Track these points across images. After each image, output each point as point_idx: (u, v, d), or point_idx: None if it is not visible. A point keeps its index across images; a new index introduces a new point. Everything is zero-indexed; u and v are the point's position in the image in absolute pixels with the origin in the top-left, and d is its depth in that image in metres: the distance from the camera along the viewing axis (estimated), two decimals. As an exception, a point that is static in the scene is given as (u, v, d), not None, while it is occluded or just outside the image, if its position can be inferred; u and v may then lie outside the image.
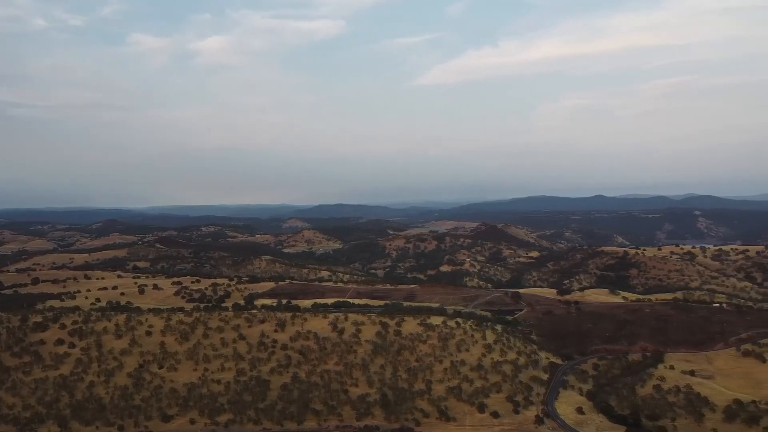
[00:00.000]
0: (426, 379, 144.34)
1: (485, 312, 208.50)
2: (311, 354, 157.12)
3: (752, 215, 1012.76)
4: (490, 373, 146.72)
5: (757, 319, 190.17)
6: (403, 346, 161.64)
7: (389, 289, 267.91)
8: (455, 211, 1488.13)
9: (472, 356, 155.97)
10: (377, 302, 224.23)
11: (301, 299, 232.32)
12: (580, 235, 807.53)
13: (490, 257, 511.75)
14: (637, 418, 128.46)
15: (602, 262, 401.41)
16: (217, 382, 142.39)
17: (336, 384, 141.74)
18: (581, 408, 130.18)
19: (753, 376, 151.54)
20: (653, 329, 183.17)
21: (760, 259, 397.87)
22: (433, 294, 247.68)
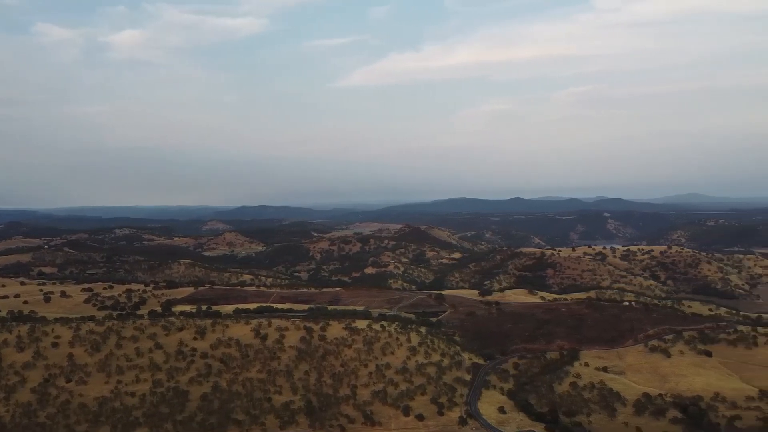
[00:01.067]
0: (351, 383, 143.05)
1: (410, 314, 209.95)
2: (233, 362, 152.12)
3: (655, 217, 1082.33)
4: (414, 376, 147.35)
5: (662, 316, 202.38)
6: (327, 351, 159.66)
7: (313, 293, 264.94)
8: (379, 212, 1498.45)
9: (397, 359, 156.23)
10: (301, 306, 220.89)
11: (222, 305, 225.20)
12: (499, 237, 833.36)
13: (413, 259, 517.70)
14: (555, 415, 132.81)
15: (521, 263, 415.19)
16: (131, 395, 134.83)
17: (259, 392, 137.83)
18: (503, 407, 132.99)
19: (659, 371, 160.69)
20: (569, 328, 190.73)
21: (663, 258, 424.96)
22: (358, 297, 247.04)
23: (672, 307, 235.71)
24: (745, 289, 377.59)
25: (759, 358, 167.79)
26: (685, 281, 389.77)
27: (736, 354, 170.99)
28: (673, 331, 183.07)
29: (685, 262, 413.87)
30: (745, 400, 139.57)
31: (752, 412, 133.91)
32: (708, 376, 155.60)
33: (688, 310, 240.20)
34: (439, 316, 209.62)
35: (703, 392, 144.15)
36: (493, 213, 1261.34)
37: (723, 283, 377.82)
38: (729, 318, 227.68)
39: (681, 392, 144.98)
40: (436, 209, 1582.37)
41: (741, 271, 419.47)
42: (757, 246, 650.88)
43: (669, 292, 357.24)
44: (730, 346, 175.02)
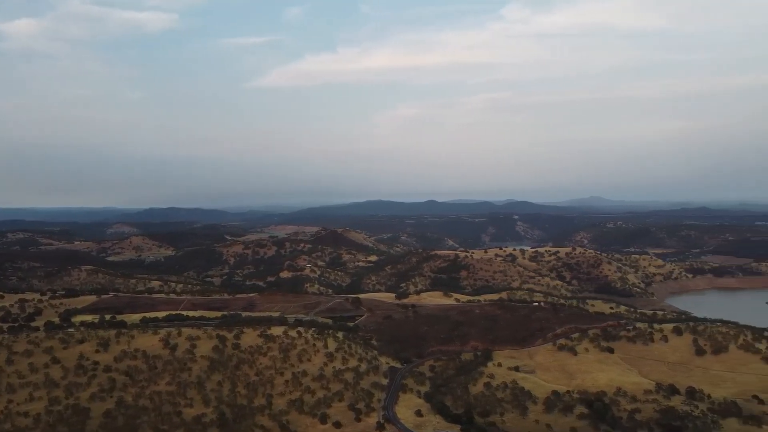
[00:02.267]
0: (267, 393, 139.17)
1: (327, 319, 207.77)
2: (139, 375, 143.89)
3: (561, 219, 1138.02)
4: (332, 383, 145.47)
5: (568, 315, 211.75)
6: (242, 359, 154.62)
7: (227, 299, 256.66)
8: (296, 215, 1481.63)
9: (314, 366, 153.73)
10: (214, 314, 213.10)
11: (128, 314, 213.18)
12: (415, 239, 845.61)
13: (330, 262, 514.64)
14: (470, 416, 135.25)
15: (436, 265, 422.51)
16: (24, 415, 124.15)
17: (168, 406, 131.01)
18: (420, 410, 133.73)
19: (567, 368, 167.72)
20: (483, 329, 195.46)
21: (568, 259, 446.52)
22: (274, 302, 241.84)
23: (577, 307, 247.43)
24: (641, 287, 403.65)
25: (655, 353, 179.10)
26: (588, 281, 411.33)
27: (635, 350, 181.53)
28: (579, 330, 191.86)
29: (588, 262, 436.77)
30: (643, 393, 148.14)
31: (650, 405, 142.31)
32: (611, 372, 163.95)
33: (592, 309, 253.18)
34: (356, 321, 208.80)
35: (607, 387, 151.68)
36: (408, 215, 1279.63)
37: (622, 282, 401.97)
38: (628, 316, 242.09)
39: (587, 388, 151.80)
40: (353, 211, 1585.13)
41: (637, 270, 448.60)
42: (650, 246, 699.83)
43: (574, 292, 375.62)
44: (629, 342, 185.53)
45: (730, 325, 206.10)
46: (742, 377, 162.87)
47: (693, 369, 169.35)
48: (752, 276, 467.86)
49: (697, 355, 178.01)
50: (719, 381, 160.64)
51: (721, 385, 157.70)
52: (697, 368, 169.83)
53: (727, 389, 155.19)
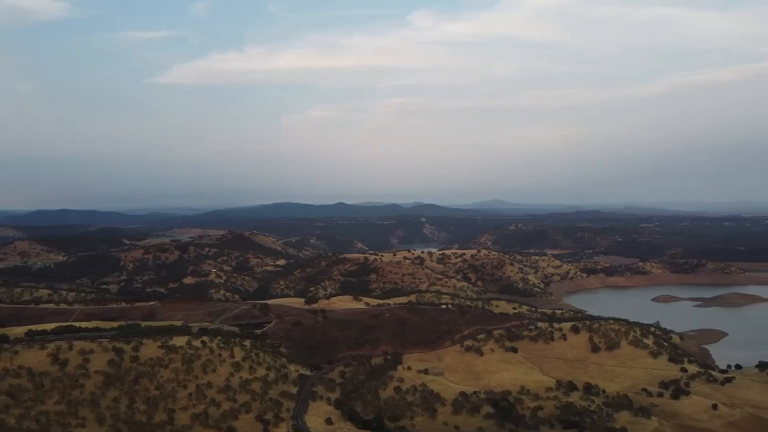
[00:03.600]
0: (168, 407, 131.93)
1: (233, 327, 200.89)
2: (24, 394, 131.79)
3: (466, 222, 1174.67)
4: (238, 394, 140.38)
5: (475, 316, 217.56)
6: (141, 373, 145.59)
7: (125, 308, 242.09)
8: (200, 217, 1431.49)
9: (219, 377, 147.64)
10: (110, 324, 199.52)
11: (11, 327, 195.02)
12: (324, 242, 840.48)
13: (237, 267, 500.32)
14: (381, 422, 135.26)
15: (345, 269, 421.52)
16: None
17: (57, 427, 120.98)
18: (330, 418, 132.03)
19: (474, 369, 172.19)
20: (393, 332, 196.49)
21: (473, 261, 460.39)
22: (176, 310, 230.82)
23: (483, 308, 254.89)
24: (540, 287, 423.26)
25: (555, 352, 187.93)
26: (492, 281, 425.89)
27: (536, 349, 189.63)
28: (485, 331, 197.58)
29: (492, 264, 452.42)
30: (545, 390, 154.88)
31: (551, 402, 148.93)
32: (515, 371, 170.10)
33: (497, 310, 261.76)
34: (264, 328, 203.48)
35: (511, 386, 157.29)
36: (318, 218, 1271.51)
37: (523, 283, 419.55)
38: (530, 315, 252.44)
39: (493, 388, 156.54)
40: (261, 214, 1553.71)
41: (537, 271, 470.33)
42: (548, 247, 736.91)
43: (479, 292, 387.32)
44: (532, 341, 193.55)
45: (621, 322, 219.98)
46: (633, 371, 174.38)
47: (589, 365, 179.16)
48: (638, 275, 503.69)
49: (593, 352, 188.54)
50: (613, 376, 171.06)
51: (615, 380, 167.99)
52: (593, 364, 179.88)
53: (620, 383, 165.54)
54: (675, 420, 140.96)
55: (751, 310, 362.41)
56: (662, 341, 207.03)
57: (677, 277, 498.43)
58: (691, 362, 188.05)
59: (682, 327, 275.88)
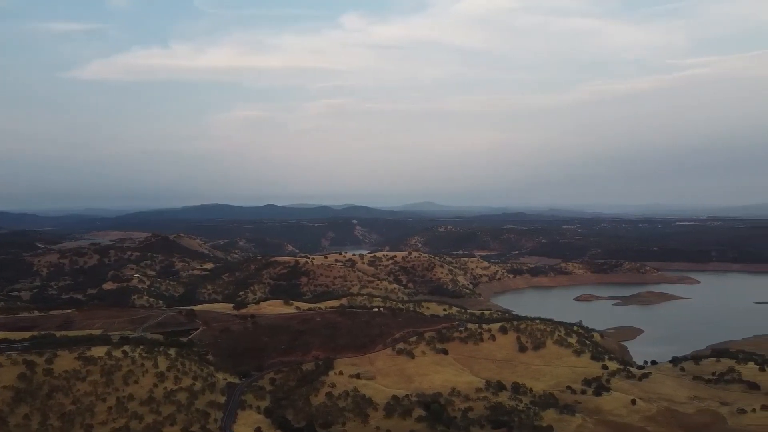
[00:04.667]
0: (85, 423, 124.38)
1: (157, 335, 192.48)
2: None
3: (397, 223, 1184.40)
4: (162, 405, 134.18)
5: (406, 319, 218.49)
6: (55, 387, 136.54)
7: (37, 317, 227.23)
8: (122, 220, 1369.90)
9: (142, 389, 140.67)
10: (21, 335, 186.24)
11: None
12: (253, 244, 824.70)
13: (161, 271, 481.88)
14: (312, 429, 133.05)
15: (275, 272, 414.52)
16: None
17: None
18: (260, 427, 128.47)
19: (405, 372, 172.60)
20: (324, 337, 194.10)
21: (404, 263, 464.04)
22: (95, 318, 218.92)
23: (414, 310, 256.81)
24: (469, 288, 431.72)
25: (484, 352, 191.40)
26: (423, 283, 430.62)
27: (466, 350, 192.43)
28: (416, 333, 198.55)
29: (423, 266, 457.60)
30: (475, 391, 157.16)
31: (481, 402, 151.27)
32: (445, 373, 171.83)
33: (427, 312, 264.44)
34: (190, 335, 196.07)
35: (443, 388, 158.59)
36: (247, 220, 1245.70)
37: (453, 284, 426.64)
38: (460, 317, 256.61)
39: (424, 390, 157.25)
40: (187, 216, 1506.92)
41: (466, 272, 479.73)
42: (476, 249, 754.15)
43: (410, 294, 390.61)
44: (462, 343, 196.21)
45: (546, 322, 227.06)
46: (558, 370, 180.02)
47: (517, 365, 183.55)
48: (562, 275, 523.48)
49: (521, 351, 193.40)
50: (539, 375, 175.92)
51: (541, 379, 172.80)
52: (520, 364, 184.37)
53: (546, 382, 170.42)
54: (597, 416, 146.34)
55: (664, 307, 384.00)
56: (585, 340, 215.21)
57: (597, 277, 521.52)
58: (612, 359, 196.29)
59: (602, 325, 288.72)
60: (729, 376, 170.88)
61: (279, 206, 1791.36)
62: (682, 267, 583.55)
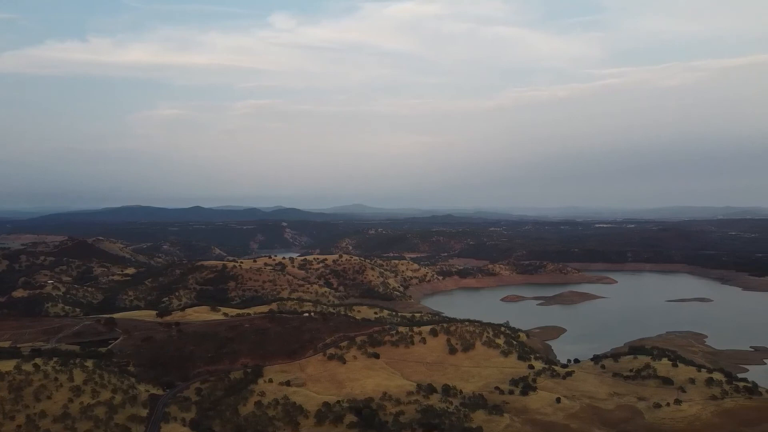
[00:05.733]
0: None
1: (73, 346, 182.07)
2: None
3: (327, 226, 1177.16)
4: (79, 422, 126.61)
5: (337, 323, 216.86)
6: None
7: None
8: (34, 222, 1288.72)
9: (55, 404, 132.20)
10: None
11: None
12: (179, 248, 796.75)
13: (78, 277, 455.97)
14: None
15: (202, 277, 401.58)
16: None
17: None
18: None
19: (337, 378, 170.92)
20: (253, 344, 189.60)
21: (335, 266, 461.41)
22: (3, 330, 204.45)
23: (345, 314, 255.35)
24: (400, 290, 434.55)
25: (415, 355, 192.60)
26: (354, 286, 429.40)
27: (398, 353, 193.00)
28: (348, 338, 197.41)
29: (354, 268, 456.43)
30: (406, 395, 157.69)
31: (412, 406, 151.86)
32: (377, 377, 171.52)
33: (359, 315, 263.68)
34: (110, 345, 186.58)
35: (374, 393, 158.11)
36: (172, 222, 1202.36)
37: (384, 287, 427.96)
38: (391, 320, 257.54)
39: (356, 396, 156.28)
40: (107, 218, 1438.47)
41: (397, 274, 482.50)
42: (407, 251, 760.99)
43: (341, 298, 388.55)
44: (393, 346, 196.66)
45: (475, 323, 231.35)
46: (486, 371, 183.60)
47: (447, 367, 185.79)
48: (489, 276, 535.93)
49: (451, 354, 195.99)
50: (469, 376, 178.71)
51: (470, 380, 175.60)
52: (450, 366, 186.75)
53: (475, 383, 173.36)
54: (524, 415, 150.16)
55: (585, 306, 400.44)
56: (512, 340, 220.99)
57: (522, 278, 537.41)
58: (537, 359, 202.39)
59: (527, 325, 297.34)
60: (645, 372, 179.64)
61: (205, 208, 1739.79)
62: (600, 267, 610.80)
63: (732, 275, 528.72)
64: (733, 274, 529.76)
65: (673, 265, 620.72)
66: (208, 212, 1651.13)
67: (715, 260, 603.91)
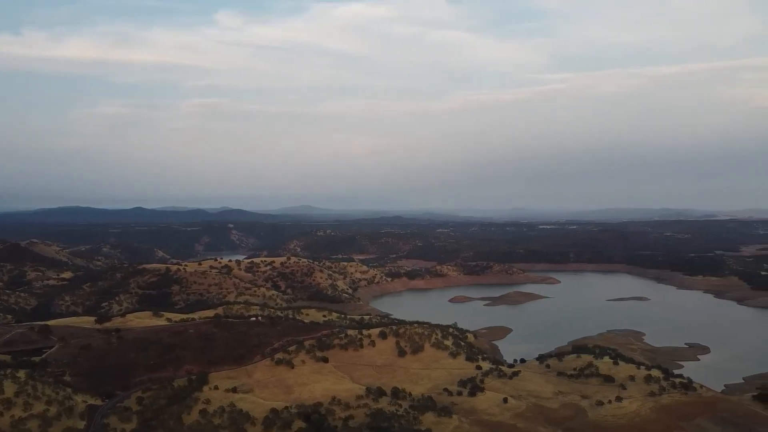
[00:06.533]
0: None
1: (3, 356, 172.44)
2: None
3: (275, 227, 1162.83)
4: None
5: (286, 327, 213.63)
6: None
7: None
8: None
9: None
10: None
11: None
12: (119, 251, 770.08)
13: (10, 282, 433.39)
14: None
15: (144, 281, 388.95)
16: None
17: None
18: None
19: (285, 383, 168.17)
20: (198, 350, 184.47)
21: (283, 269, 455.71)
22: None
23: (294, 318, 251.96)
24: (349, 293, 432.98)
25: (365, 359, 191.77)
26: (302, 289, 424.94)
27: (347, 357, 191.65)
28: (296, 342, 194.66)
29: (302, 271, 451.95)
30: (356, 399, 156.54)
31: (362, 410, 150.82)
32: (326, 382, 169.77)
33: (307, 319, 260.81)
34: (44, 354, 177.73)
35: (323, 398, 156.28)
36: (112, 224, 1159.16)
37: (332, 289, 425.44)
38: (340, 323, 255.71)
39: (304, 401, 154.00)
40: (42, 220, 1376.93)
41: (345, 276, 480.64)
42: (355, 252, 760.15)
43: (289, 301, 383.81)
44: (342, 350, 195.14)
45: (424, 325, 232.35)
46: (435, 373, 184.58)
47: (397, 370, 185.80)
48: (437, 277, 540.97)
49: (400, 356, 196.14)
50: (418, 379, 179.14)
51: (419, 383, 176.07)
52: (400, 369, 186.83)
53: (424, 385, 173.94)
54: (473, 416, 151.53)
55: (530, 306, 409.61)
56: (460, 341, 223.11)
57: (470, 279, 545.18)
58: (485, 359, 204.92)
59: (475, 325, 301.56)
60: (588, 370, 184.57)
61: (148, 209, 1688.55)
62: (545, 268, 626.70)
63: (667, 275, 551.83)
64: (669, 274, 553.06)
65: (613, 265, 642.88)
66: (151, 213, 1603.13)
67: (651, 260, 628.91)
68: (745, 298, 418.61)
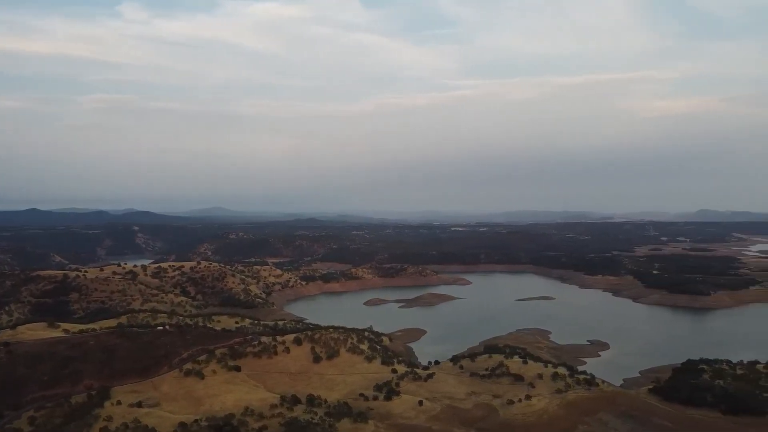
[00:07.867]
0: None
1: None
2: None
3: (184, 230, 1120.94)
4: None
5: (195, 336, 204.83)
6: None
7: None
8: None
9: None
10: None
11: None
12: (10, 256, 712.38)
13: None
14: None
15: (39, 288, 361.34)
16: None
17: None
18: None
19: (194, 395, 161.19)
20: (99, 363, 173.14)
21: (192, 274, 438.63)
22: None
23: (204, 326, 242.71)
24: (262, 297, 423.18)
25: (279, 366, 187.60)
26: (213, 294, 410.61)
27: (260, 365, 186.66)
28: (206, 351, 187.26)
29: (213, 276, 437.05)
30: (270, 408, 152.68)
31: (276, 419, 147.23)
32: (238, 392, 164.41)
33: (219, 326, 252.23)
34: None
35: (235, 408, 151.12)
36: (3, 227, 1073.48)
37: (245, 294, 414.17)
38: (253, 329, 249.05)
39: (215, 413, 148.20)
40: None
41: (259, 281, 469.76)
42: (269, 256, 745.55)
43: (199, 307, 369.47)
44: (255, 358, 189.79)
45: (339, 330, 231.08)
46: (351, 378, 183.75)
47: (312, 376, 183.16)
48: (352, 280, 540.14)
49: (315, 362, 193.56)
50: (333, 385, 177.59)
51: (335, 389, 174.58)
52: (315, 375, 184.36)
53: (340, 391, 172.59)
54: (389, 420, 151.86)
55: (443, 307, 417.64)
56: (375, 345, 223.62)
57: (384, 281, 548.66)
58: (400, 362, 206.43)
59: (390, 328, 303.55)
60: (499, 370, 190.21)
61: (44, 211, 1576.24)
62: (457, 269, 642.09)
63: (570, 274, 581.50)
64: (571, 273, 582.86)
65: (521, 266, 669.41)
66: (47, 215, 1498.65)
67: (555, 261, 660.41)
68: (640, 296, 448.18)
